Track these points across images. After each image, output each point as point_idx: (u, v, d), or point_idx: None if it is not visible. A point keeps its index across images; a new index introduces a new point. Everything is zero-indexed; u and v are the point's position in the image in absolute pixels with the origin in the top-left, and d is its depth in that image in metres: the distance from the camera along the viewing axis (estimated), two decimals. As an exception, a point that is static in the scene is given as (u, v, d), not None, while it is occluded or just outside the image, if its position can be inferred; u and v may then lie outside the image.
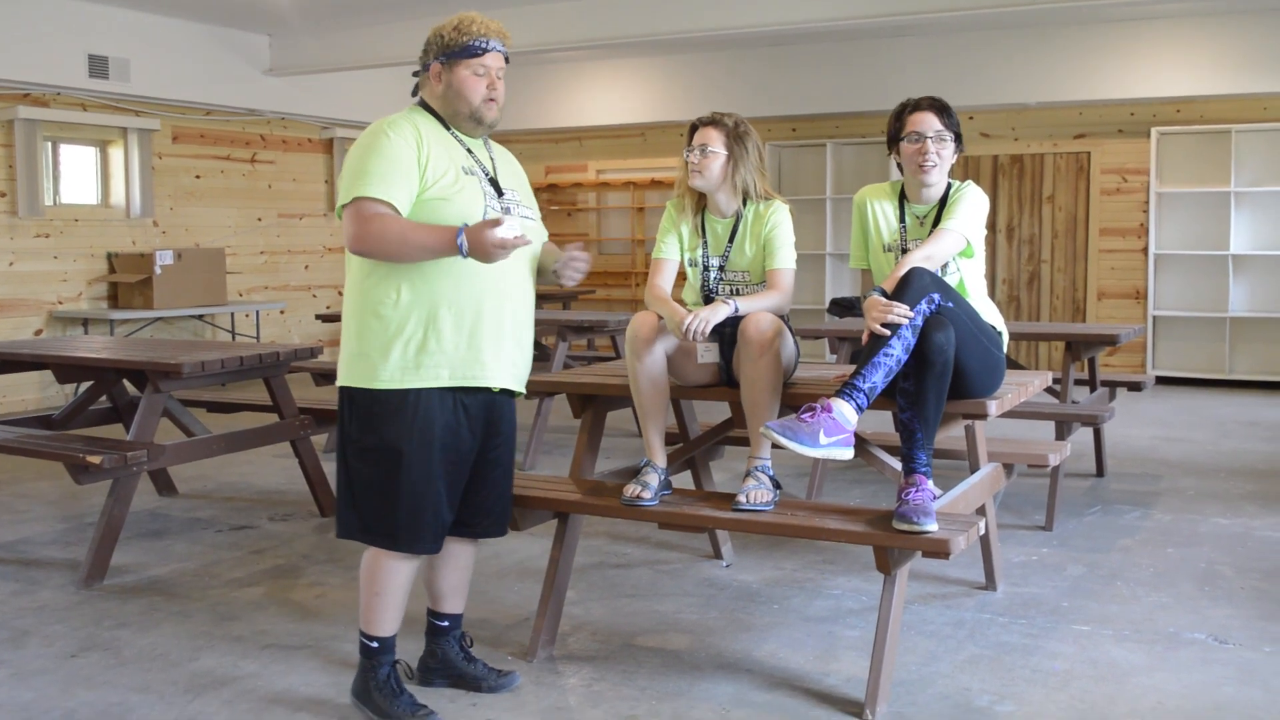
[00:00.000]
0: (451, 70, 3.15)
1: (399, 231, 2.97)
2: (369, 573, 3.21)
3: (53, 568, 4.77)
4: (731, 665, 3.61)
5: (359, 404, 3.12)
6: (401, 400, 3.07)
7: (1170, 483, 6.16)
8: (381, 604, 3.21)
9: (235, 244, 10.79)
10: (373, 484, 3.12)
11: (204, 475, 6.49)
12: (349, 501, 3.17)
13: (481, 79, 3.16)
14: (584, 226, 12.79)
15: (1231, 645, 3.74)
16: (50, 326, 9.38)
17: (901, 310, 3.29)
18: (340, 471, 3.21)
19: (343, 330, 3.20)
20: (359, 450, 3.14)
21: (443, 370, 3.09)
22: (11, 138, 9.03)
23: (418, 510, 3.11)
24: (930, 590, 4.31)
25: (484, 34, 3.15)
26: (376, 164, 3.00)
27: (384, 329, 3.07)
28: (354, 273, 3.15)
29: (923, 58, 10.50)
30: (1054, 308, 10.82)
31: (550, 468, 6.62)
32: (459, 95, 3.15)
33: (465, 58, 3.14)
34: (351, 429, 3.15)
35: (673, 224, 3.85)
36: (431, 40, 3.20)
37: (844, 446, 3.23)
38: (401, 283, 3.05)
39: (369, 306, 3.08)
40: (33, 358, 5.44)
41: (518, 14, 9.49)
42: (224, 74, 10.23)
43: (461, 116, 3.18)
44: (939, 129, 3.70)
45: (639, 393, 3.65)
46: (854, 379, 3.30)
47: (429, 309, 3.06)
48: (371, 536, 3.17)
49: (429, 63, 3.19)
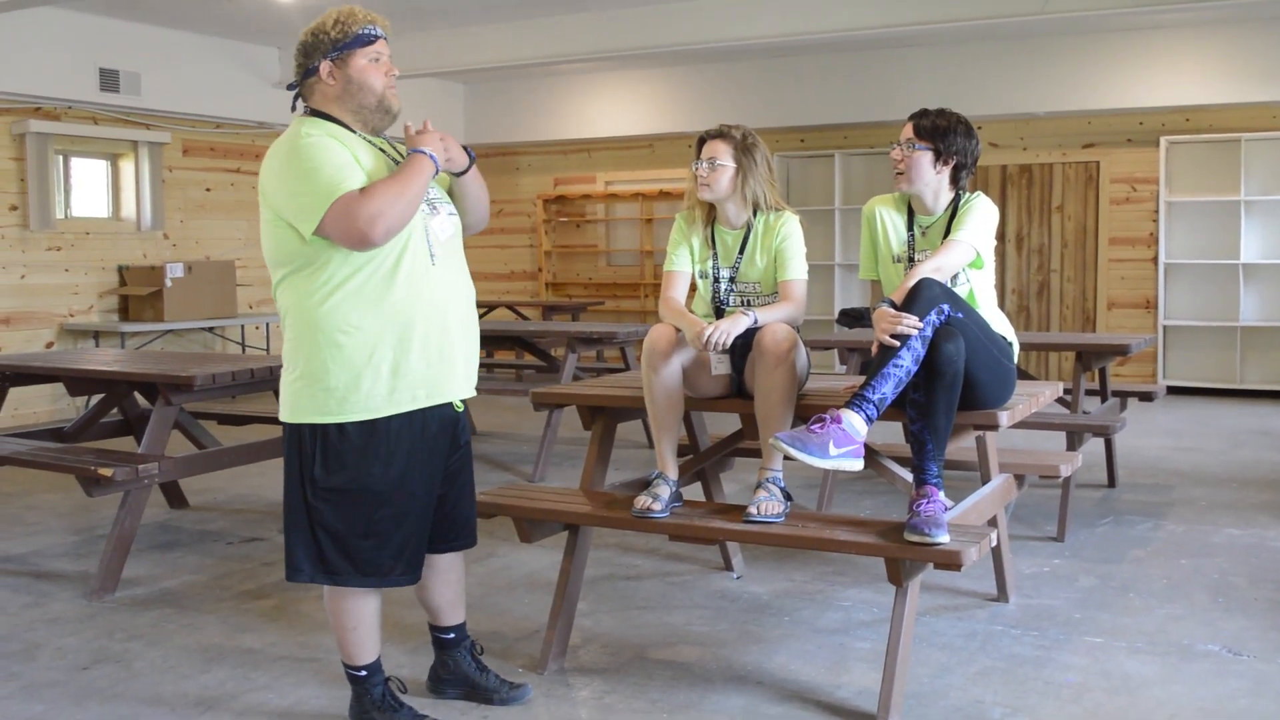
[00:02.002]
0: (347, 64, 2.99)
1: (396, 186, 2.85)
2: (338, 611, 3.09)
3: (64, 580, 4.78)
4: (743, 677, 3.60)
5: (325, 441, 2.95)
6: (371, 431, 2.95)
7: (1182, 493, 6.13)
8: (358, 637, 3.11)
9: (245, 256, 10.81)
10: (342, 524, 2.98)
11: (215, 488, 6.50)
12: (305, 544, 3.00)
13: (379, 65, 3.02)
14: (592, 238, 12.81)
15: (1246, 657, 3.73)
16: (61, 339, 9.41)
17: (910, 321, 3.28)
18: (296, 513, 3.01)
19: (292, 361, 3.00)
20: (323, 491, 2.97)
21: (419, 391, 2.99)
22: (23, 151, 9.07)
23: (394, 546, 3.02)
24: (942, 602, 4.30)
25: (370, 21, 3.02)
26: (319, 167, 2.85)
27: (347, 357, 2.91)
28: (299, 299, 2.96)
29: (931, 68, 10.50)
30: (1064, 318, 10.80)
31: (560, 479, 6.62)
32: (361, 86, 3.00)
33: (358, 47, 3.00)
34: (314, 469, 2.96)
35: (683, 236, 3.85)
36: (311, 42, 3.02)
37: (854, 458, 3.23)
38: (361, 304, 2.91)
39: (325, 334, 2.91)
40: (44, 370, 5.46)
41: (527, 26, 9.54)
42: (234, 87, 10.28)
43: (368, 109, 3.03)
44: (909, 137, 3.67)
45: (654, 405, 3.65)
46: (863, 390, 3.29)
47: (397, 329, 2.94)
48: (339, 578, 3.01)
49: (314, 65, 3.01)
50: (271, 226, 2.98)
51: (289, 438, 3.03)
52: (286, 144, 2.95)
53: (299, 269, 2.96)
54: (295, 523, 3.03)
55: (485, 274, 12.84)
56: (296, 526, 3.03)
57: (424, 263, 3.01)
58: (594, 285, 12.77)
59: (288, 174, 2.90)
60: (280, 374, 3.10)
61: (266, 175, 2.97)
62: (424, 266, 3.01)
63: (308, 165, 2.87)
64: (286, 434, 3.04)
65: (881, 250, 3.84)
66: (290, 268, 2.98)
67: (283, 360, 3.07)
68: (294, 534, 3.03)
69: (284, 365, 3.05)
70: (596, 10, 9.17)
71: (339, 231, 2.85)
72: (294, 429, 3.01)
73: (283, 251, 2.98)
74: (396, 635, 3.92)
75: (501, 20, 9.50)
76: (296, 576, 3.04)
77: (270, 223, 2.98)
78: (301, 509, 3.01)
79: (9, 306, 9.06)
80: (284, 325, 3.05)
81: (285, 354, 3.04)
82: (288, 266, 2.98)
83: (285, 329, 3.04)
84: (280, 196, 2.92)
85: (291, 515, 3.04)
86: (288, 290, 3.00)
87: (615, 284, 12.64)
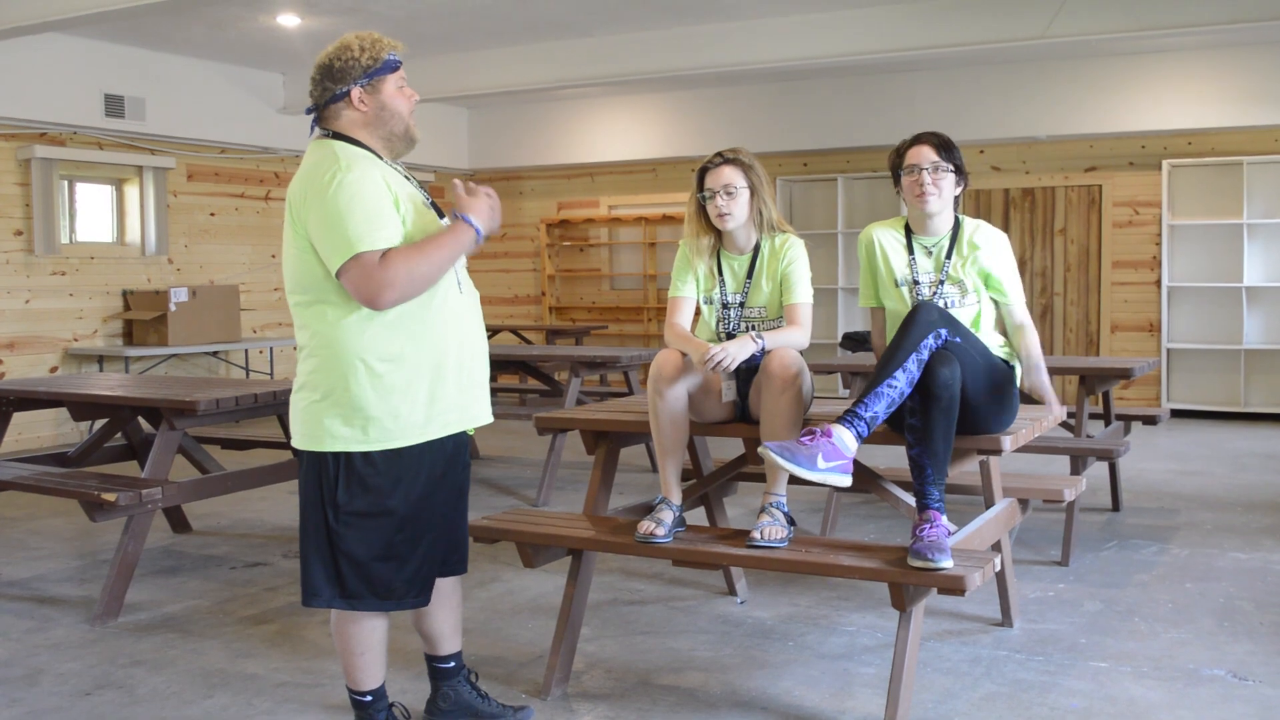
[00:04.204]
0: (379, 90, 2.99)
1: (419, 257, 2.83)
2: (346, 636, 3.08)
3: (67, 605, 4.77)
4: (747, 703, 3.59)
5: (350, 468, 2.95)
6: (398, 456, 2.95)
7: (1187, 517, 6.12)
8: (366, 661, 3.11)
9: (249, 281, 10.84)
10: (362, 548, 2.97)
11: (218, 512, 6.50)
12: (324, 568, 2.99)
13: (404, 92, 3.03)
14: (596, 262, 12.84)
15: (1252, 682, 3.71)
16: (66, 364, 9.42)
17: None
18: (316, 537, 3.00)
19: (318, 385, 2.95)
20: (346, 515, 2.96)
21: (451, 416, 3.00)
22: (28, 176, 9.11)
23: (413, 567, 3.02)
24: (946, 627, 4.28)
25: (393, 47, 3.02)
26: (361, 210, 2.82)
27: (386, 386, 2.90)
28: (330, 325, 2.92)
29: (933, 92, 10.54)
30: (1067, 341, 10.80)
31: (564, 504, 6.61)
32: (393, 113, 3.01)
33: (388, 73, 3.00)
34: (335, 494, 2.95)
35: (687, 263, 3.85)
36: (340, 67, 2.97)
37: (841, 473, 3.23)
38: (399, 334, 2.91)
39: (363, 363, 2.90)
40: (48, 395, 5.47)
41: (530, 51, 9.59)
42: (238, 112, 10.33)
43: (396, 136, 3.04)
44: (934, 160, 3.72)
45: (659, 431, 3.65)
46: (856, 407, 3.30)
47: (434, 358, 2.96)
48: (357, 601, 3.00)
49: (343, 90, 2.97)
50: (301, 252, 2.94)
51: (310, 463, 3.00)
52: (327, 173, 2.88)
53: (330, 296, 2.92)
54: (315, 548, 3.01)
55: (489, 298, 12.85)
56: (317, 551, 3.00)
57: (454, 292, 3.05)
58: (597, 309, 12.79)
59: (325, 208, 2.85)
60: (289, 398, 3.07)
61: (301, 200, 2.91)
62: (455, 296, 3.04)
63: (343, 206, 2.82)
64: (307, 460, 3.01)
65: (882, 275, 3.85)
66: (318, 294, 2.93)
67: (298, 382, 3.03)
68: (313, 559, 3.01)
69: (301, 387, 3.01)
70: (600, 35, 9.22)
71: (351, 286, 2.84)
72: (315, 457, 2.98)
73: (311, 278, 2.94)
74: (400, 661, 3.91)
75: (505, 45, 9.54)
76: (314, 601, 3.02)
77: (301, 249, 2.93)
78: (323, 534, 2.99)
79: (14, 331, 9.08)
80: (306, 348, 3.00)
81: (305, 377, 2.99)
82: (315, 293, 2.94)
83: (308, 352, 2.99)
84: (314, 227, 2.88)
85: (311, 540, 3.01)
86: (317, 316, 2.94)
87: (619, 308, 12.66)
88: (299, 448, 3.03)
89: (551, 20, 8.77)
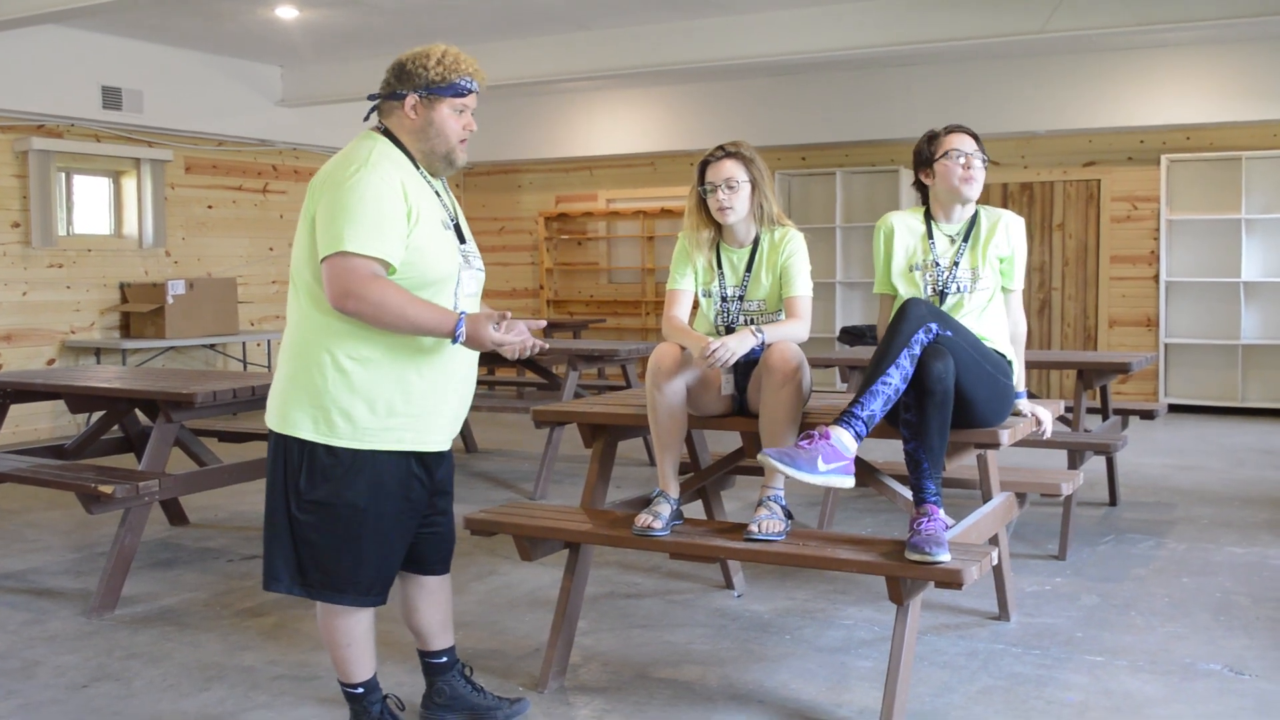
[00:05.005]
0: (433, 106, 2.99)
1: (399, 304, 2.81)
2: (331, 630, 3.07)
3: (64, 598, 4.77)
4: (744, 696, 3.59)
5: (312, 458, 2.94)
6: (355, 458, 2.94)
7: (1184, 511, 6.12)
8: (354, 654, 3.10)
9: (247, 274, 10.84)
10: (320, 538, 2.96)
11: (215, 505, 6.49)
12: (285, 554, 2.99)
13: (461, 118, 3.03)
14: (594, 255, 12.83)
15: (1248, 676, 3.71)
16: (63, 356, 9.42)
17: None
18: (277, 522, 3.00)
19: (289, 368, 2.96)
20: (307, 504, 2.95)
21: (406, 434, 2.98)
22: (25, 169, 9.10)
23: (372, 565, 3.01)
24: (943, 620, 4.29)
25: (470, 74, 3.01)
26: (366, 213, 2.81)
27: (350, 384, 2.90)
28: (315, 310, 2.92)
29: (932, 86, 10.53)
30: (1065, 335, 10.81)
31: (561, 497, 6.61)
32: (440, 134, 3.00)
33: (450, 96, 2.99)
34: (298, 481, 2.95)
35: (686, 256, 3.84)
36: (409, 70, 3.00)
37: (843, 475, 3.23)
38: (374, 337, 2.89)
39: (332, 355, 2.90)
40: (45, 387, 5.46)
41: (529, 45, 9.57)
42: (236, 105, 10.31)
43: (436, 156, 3.03)
44: (975, 148, 3.77)
45: (657, 424, 3.65)
46: (852, 407, 3.30)
47: (402, 369, 2.93)
48: (315, 591, 3.01)
49: (401, 93, 3.00)
50: (307, 235, 2.93)
51: (276, 446, 3.00)
52: (351, 166, 2.87)
53: (318, 285, 2.91)
54: (276, 533, 3.01)
55: (487, 291, 12.81)
56: (277, 537, 3.00)
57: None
58: (595, 303, 12.78)
59: (335, 199, 2.84)
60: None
61: (320, 185, 2.91)
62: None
63: (352, 203, 2.81)
64: (273, 441, 3.00)
65: (898, 262, 3.83)
66: (310, 280, 2.93)
67: (278, 361, 3.03)
68: (274, 544, 3.01)
69: (280, 363, 3.01)
70: (599, 29, 9.21)
71: (326, 277, 2.84)
72: (281, 439, 2.98)
73: (308, 263, 2.93)
74: (397, 654, 3.91)
75: (503, 38, 9.53)
76: (274, 586, 3.03)
77: (307, 232, 2.93)
78: (284, 520, 2.99)
79: (11, 323, 9.07)
80: (288, 331, 3.01)
81: (284, 353, 3.00)
82: (307, 278, 2.93)
83: (289, 335, 3.00)
84: (320, 213, 2.87)
85: (273, 525, 3.01)
86: (306, 297, 2.94)
87: (617, 301, 12.66)
88: (269, 426, 3.02)
89: (549, 13, 8.76)
